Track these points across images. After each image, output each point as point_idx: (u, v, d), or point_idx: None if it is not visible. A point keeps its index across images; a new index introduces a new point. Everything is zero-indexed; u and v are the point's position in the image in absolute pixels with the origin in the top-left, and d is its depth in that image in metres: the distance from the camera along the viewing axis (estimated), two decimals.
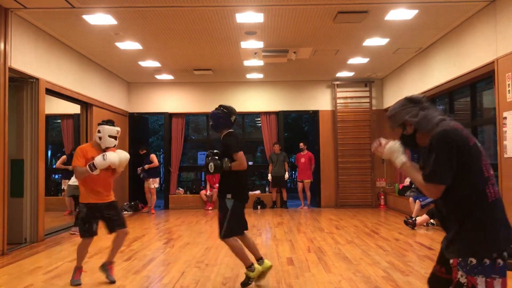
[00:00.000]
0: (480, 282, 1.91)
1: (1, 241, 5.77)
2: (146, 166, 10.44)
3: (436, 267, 2.28)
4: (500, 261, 1.92)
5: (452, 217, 2.07)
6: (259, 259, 4.26)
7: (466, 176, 2.01)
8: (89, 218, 4.30)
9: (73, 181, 7.47)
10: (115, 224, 4.39)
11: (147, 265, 5.12)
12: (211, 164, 4.07)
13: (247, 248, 4.28)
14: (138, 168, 10.55)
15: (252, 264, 4.21)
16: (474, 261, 1.93)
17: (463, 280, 1.96)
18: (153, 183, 10.54)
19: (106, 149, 4.32)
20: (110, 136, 4.31)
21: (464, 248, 1.98)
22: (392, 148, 2.23)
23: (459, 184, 2.01)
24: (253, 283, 4.28)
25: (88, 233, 4.32)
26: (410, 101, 2.21)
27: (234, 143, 4.12)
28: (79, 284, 4.34)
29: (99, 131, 4.33)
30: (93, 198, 4.32)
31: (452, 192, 2.03)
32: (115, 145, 4.40)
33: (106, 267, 4.45)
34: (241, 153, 4.08)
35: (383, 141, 2.29)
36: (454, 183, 2.02)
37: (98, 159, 4.15)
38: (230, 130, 4.26)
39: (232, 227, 4.13)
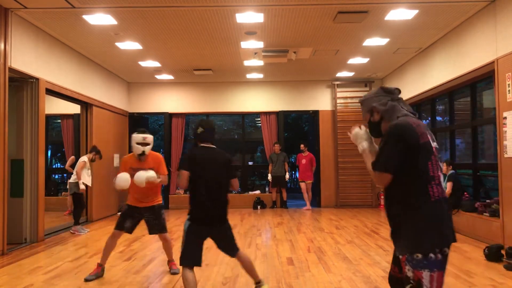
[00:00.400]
0: (425, 276, 2.01)
1: (1, 241, 5.77)
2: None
3: (391, 267, 2.35)
4: (439, 255, 2.05)
5: (398, 213, 2.14)
6: (257, 283, 3.78)
7: (411, 172, 2.08)
8: (126, 215, 4.65)
9: (74, 178, 7.48)
10: (154, 228, 4.70)
11: (147, 265, 5.12)
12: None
13: (244, 270, 3.81)
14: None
15: None
16: (420, 256, 2.03)
17: (410, 274, 2.05)
18: None
19: (140, 156, 4.57)
20: (137, 144, 4.56)
21: (410, 244, 2.06)
22: (357, 133, 2.36)
23: (404, 179, 2.09)
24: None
25: (119, 225, 4.64)
26: (383, 91, 2.31)
27: (181, 160, 4.01)
28: (90, 280, 4.45)
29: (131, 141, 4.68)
30: (133, 202, 4.66)
31: (397, 186, 2.11)
32: (143, 151, 4.56)
33: (168, 264, 4.84)
34: (182, 172, 3.52)
35: (354, 127, 2.41)
36: (399, 177, 2.10)
37: (117, 182, 4.38)
38: (198, 144, 3.73)
39: (185, 254, 3.46)
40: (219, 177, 3.58)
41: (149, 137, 4.61)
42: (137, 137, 4.59)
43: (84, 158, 7.65)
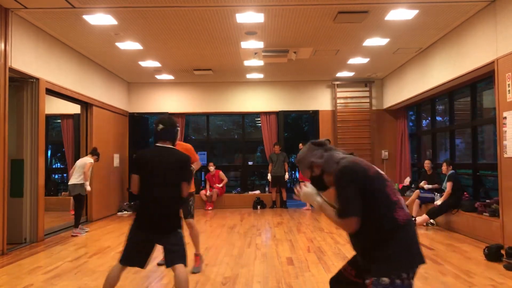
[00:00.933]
0: None
1: (1, 241, 5.77)
2: None
3: (346, 267, 2.36)
4: (405, 280, 2.04)
5: (366, 239, 2.15)
6: None
7: (373, 203, 2.10)
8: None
9: (79, 179, 7.39)
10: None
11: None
12: None
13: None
14: None
15: None
16: (386, 280, 2.03)
17: None
18: None
19: None
20: None
21: (378, 269, 2.07)
22: (307, 192, 2.35)
23: (369, 211, 2.10)
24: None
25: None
26: (315, 145, 2.38)
27: (131, 163, 3.75)
28: (198, 272, 4.68)
29: None
30: None
31: (364, 219, 2.11)
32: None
33: (194, 258, 4.84)
34: (132, 176, 3.32)
35: (299, 187, 2.40)
36: (364, 212, 2.10)
37: None
38: (155, 143, 3.49)
39: (123, 253, 3.25)
40: (167, 180, 3.24)
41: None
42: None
43: (90, 160, 7.61)
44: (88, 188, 7.46)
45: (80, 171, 7.42)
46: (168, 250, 3.26)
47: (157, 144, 3.41)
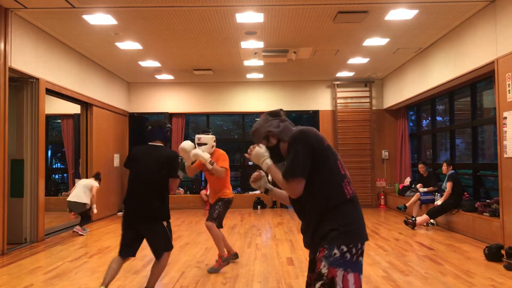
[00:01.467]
0: (339, 274, 1.97)
1: (1, 241, 5.77)
2: None
3: (308, 276, 2.24)
4: (355, 256, 2.01)
5: (314, 211, 2.10)
6: None
7: (324, 172, 2.08)
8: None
9: (84, 199, 7.40)
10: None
11: (147, 265, 5.12)
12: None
13: (151, 272, 3.77)
14: None
15: None
16: (337, 253, 2.00)
17: (324, 270, 2.00)
18: None
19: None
20: (196, 143, 4.85)
21: (328, 241, 2.03)
22: (258, 152, 2.25)
23: (320, 182, 2.08)
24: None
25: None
26: (271, 115, 2.35)
27: None
28: (212, 272, 4.70)
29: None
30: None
31: (313, 187, 2.09)
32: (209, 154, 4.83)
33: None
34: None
35: (252, 147, 2.30)
36: (312, 181, 2.08)
37: (181, 145, 4.65)
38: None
39: (120, 244, 3.71)
40: (150, 174, 3.61)
41: (203, 137, 4.87)
42: (195, 137, 4.93)
43: (96, 184, 7.66)
44: (95, 210, 7.57)
45: (84, 190, 7.41)
46: (150, 241, 3.69)
47: (149, 143, 3.84)
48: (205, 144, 4.81)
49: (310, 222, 2.14)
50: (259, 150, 2.25)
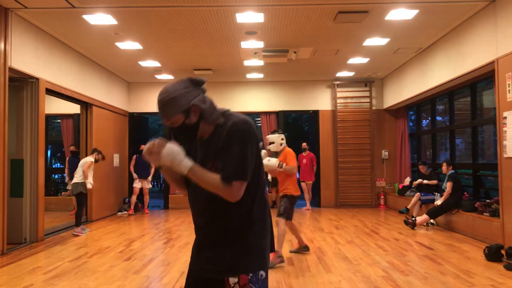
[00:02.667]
0: None
1: (1, 241, 5.77)
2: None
3: None
4: (267, 276, 1.78)
5: (232, 225, 1.73)
6: None
7: (256, 177, 1.75)
8: None
9: (80, 178, 7.35)
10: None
11: (147, 265, 5.12)
12: None
13: None
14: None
15: None
16: (263, 274, 1.74)
17: None
18: (148, 183, 10.55)
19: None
20: (270, 143, 5.41)
21: (254, 261, 1.71)
22: (172, 150, 1.67)
23: (249, 186, 1.71)
24: None
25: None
26: (193, 83, 1.82)
27: None
28: (272, 267, 4.82)
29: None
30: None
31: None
32: (269, 149, 5.50)
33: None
34: None
35: (155, 142, 1.70)
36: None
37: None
38: None
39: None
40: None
41: (271, 136, 5.42)
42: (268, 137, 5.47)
43: (91, 158, 7.58)
44: (89, 186, 7.44)
45: (81, 170, 7.42)
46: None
47: None
48: (273, 142, 5.37)
49: (223, 237, 1.76)
50: (173, 148, 1.67)
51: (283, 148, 5.37)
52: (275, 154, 5.45)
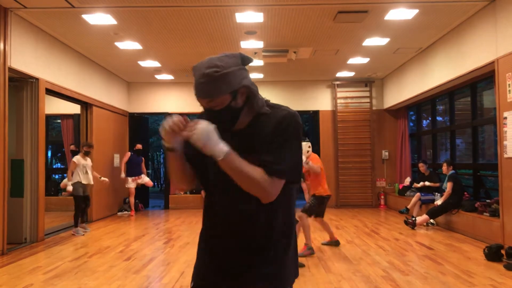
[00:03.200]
0: None
1: (1, 241, 5.77)
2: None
3: None
4: None
5: (269, 233, 1.51)
6: None
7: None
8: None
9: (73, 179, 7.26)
10: None
11: (147, 265, 5.12)
12: None
13: None
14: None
15: None
16: None
17: None
18: (143, 179, 10.50)
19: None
20: None
21: (283, 275, 1.52)
22: (208, 128, 1.39)
23: (288, 193, 1.52)
24: None
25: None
26: (243, 61, 1.53)
27: None
28: (300, 256, 5.07)
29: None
30: None
31: (279, 203, 1.49)
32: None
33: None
34: None
35: (192, 122, 1.43)
36: (285, 193, 1.49)
37: None
38: None
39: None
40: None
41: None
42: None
43: (74, 159, 7.36)
44: (69, 188, 7.21)
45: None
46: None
47: None
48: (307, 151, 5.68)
49: (252, 246, 1.53)
50: (208, 127, 1.39)
51: (309, 155, 5.81)
52: None
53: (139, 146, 10.56)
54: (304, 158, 5.47)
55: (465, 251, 5.70)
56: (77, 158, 7.37)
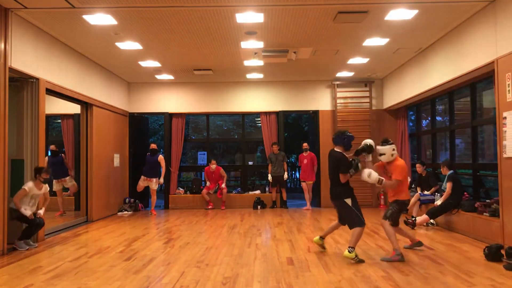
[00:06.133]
0: None
1: (1, 241, 5.77)
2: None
3: None
4: None
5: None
6: None
7: None
8: None
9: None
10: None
11: (147, 265, 5.12)
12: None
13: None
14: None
15: None
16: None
17: None
18: (156, 184, 10.52)
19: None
20: (380, 154, 5.74)
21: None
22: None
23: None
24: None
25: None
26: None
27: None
28: (383, 260, 5.20)
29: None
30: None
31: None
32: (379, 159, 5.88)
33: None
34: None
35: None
36: None
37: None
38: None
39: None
40: (330, 169, 5.62)
41: (381, 148, 5.78)
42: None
43: (25, 186, 6.15)
44: (28, 212, 6.09)
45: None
46: (338, 212, 5.60)
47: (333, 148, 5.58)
48: (384, 154, 5.70)
49: None
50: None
51: (394, 159, 5.59)
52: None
53: (153, 146, 10.57)
54: (377, 177, 5.42)
55: (465, 251, 5.71)
56: (29, 187, 6.14)
